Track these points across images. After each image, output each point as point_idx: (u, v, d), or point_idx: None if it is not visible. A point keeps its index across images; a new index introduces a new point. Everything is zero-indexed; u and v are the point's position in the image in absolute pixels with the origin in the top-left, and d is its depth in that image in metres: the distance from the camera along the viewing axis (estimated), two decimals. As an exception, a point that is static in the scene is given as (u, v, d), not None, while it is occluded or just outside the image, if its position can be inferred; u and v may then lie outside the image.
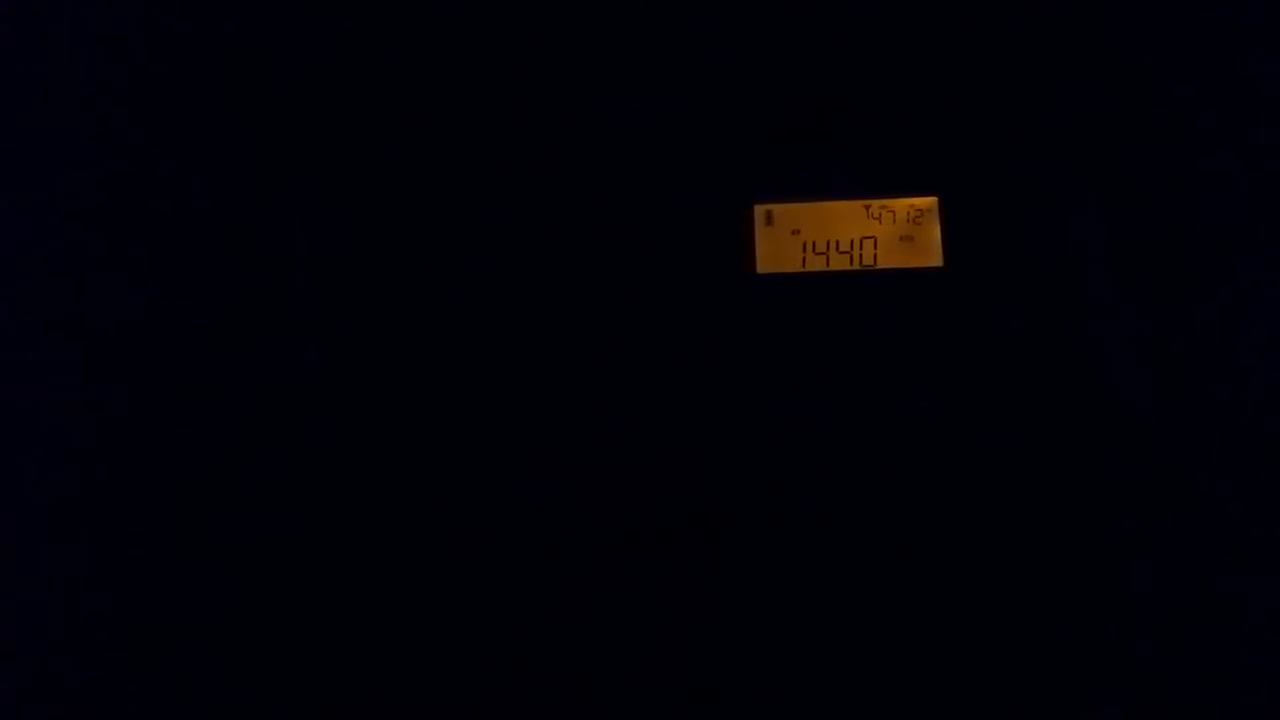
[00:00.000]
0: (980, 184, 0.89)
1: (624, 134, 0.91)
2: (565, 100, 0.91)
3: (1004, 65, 0.90)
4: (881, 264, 0.89)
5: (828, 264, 0.88)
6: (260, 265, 0.91)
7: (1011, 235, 0.89)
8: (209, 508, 0.88)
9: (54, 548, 0.89)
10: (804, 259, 0.88)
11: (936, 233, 0.88)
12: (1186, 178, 0.90)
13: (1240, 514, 0.86)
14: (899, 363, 0.88)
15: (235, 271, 0.91)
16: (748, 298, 0.88)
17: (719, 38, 0.91)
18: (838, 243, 0.89)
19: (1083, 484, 0.87)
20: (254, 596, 0.88)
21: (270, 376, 0.90)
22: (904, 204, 0.89)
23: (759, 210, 0.89)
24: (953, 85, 0.90)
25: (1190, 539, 0.86)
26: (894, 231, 0.88)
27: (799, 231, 0.89)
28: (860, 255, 0.88)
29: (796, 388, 0.88)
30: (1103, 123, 0.90)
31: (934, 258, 0.88)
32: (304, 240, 0.91)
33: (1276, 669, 0.85)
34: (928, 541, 0.86)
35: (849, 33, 0.91)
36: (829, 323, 0.88)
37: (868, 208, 0.89)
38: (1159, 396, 0.87)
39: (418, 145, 0.91)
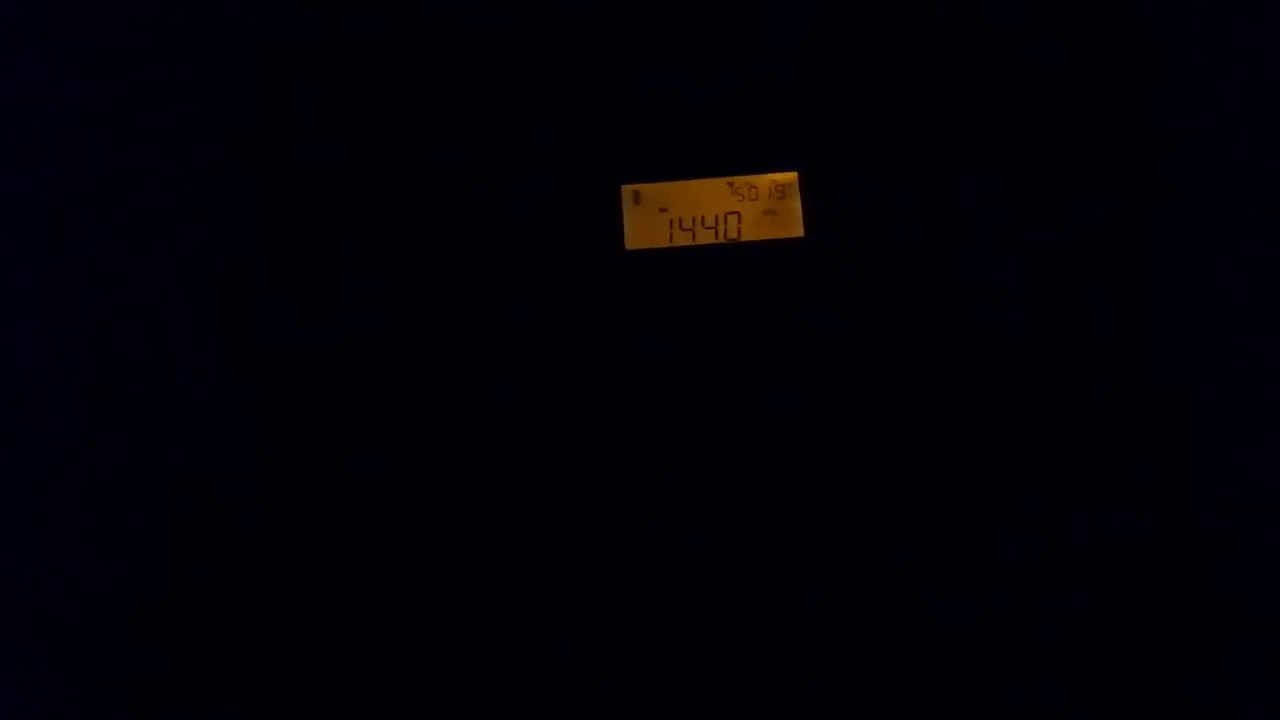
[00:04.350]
0: (839, 160, 0.92)
1: (497, 119, 0.92)
2: (438, 84, 0.93)
3: (860, 44, 0.93)
4: (746, 237, 0.91)
5: (694, 239, 0.91)
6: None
7: (870, 207, 0.91)
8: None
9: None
10: (671, 235, 0.91)
11: (798, 206, 0.91)
12: (1041, 148, 0.93)
13: (1099, 486, 0.89)
14: (765, 331, 0.90)
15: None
16: (618, 274, 0.91)
17: (588, 23, 0.93)
18: (704, 218, 0.91)
19: (941, 447, 0.90)
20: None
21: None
22: (766, 180, 0.92)
23: (626, 190, 0.91)
24: (811, 65, 0.93)
25: (1053, 507, 0.89)
26: (757, 207, 0.91)
27: (666, 209, 0.91)
28: (725, 230, 0.91)
29: (668, 358, 0.90)
30: (958, 98, 0.93)
31: (796, 229, 0.91)
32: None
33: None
34: (797, 507, 0.89)
35: (712, 15, 0.93)
36: (697, 295, 0.91)
37: (732, 185, 0.92)
38: (1015, 355, 0.90)
39: (289, 131, 0.93)
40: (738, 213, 0.91)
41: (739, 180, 0.91)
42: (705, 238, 0.91)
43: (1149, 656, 0.87)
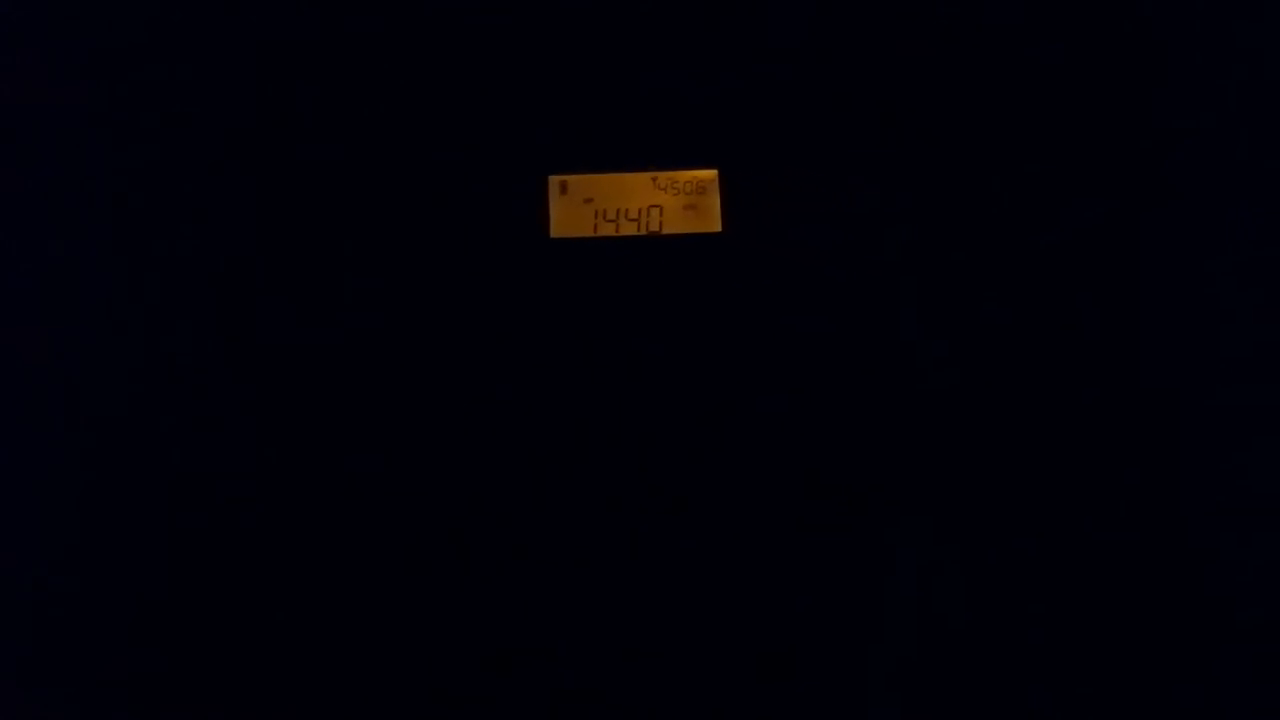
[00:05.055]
0: (756, 158, 0.95)
1: (428, 110, 0.95)
2: (368, 76, 0.95)
3: (780, 46, 0.96)
4: (667, 230, 0.94)
5: (617, 230, 0.94)
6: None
7: (785, 203, 0.94)
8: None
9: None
10: (595, 225, 0.94)
11: (717, 202, 0.94)
12: (952, 151, 0.95)
13: (1014, 487, 0.91)
14: (683, 319, 0.93)
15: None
16: (543, 261, 0.93)
17: (521, 21, 0.96)
18: (627, 210, 0.94)
19: (856, 434, 0.92)
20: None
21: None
22: (688, 175, 0.95)
23: (553, 180, 0.94)
24: (732, 66, 0.96)
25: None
26: (679, 200, 0.94)
27: (591, 200, 0.94)
28: (648, 222, 0.94)
29: (589, 343, 0.92)
30: (874, 99, 0.96)
31: (714, 224, 0.94)
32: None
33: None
34: (711, 497, 0.91)
35: (637, 15, 0.96)
36: (618, 284, 0.93)
37: (655, 179, 0.95)
38: (922, 347, 0.93)
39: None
40: (660, 206, 0.94)
41: (662, 175, 0.95)
42: (628, 229, 0.94)
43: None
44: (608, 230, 0.94)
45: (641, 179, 0.95)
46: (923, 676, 0.88)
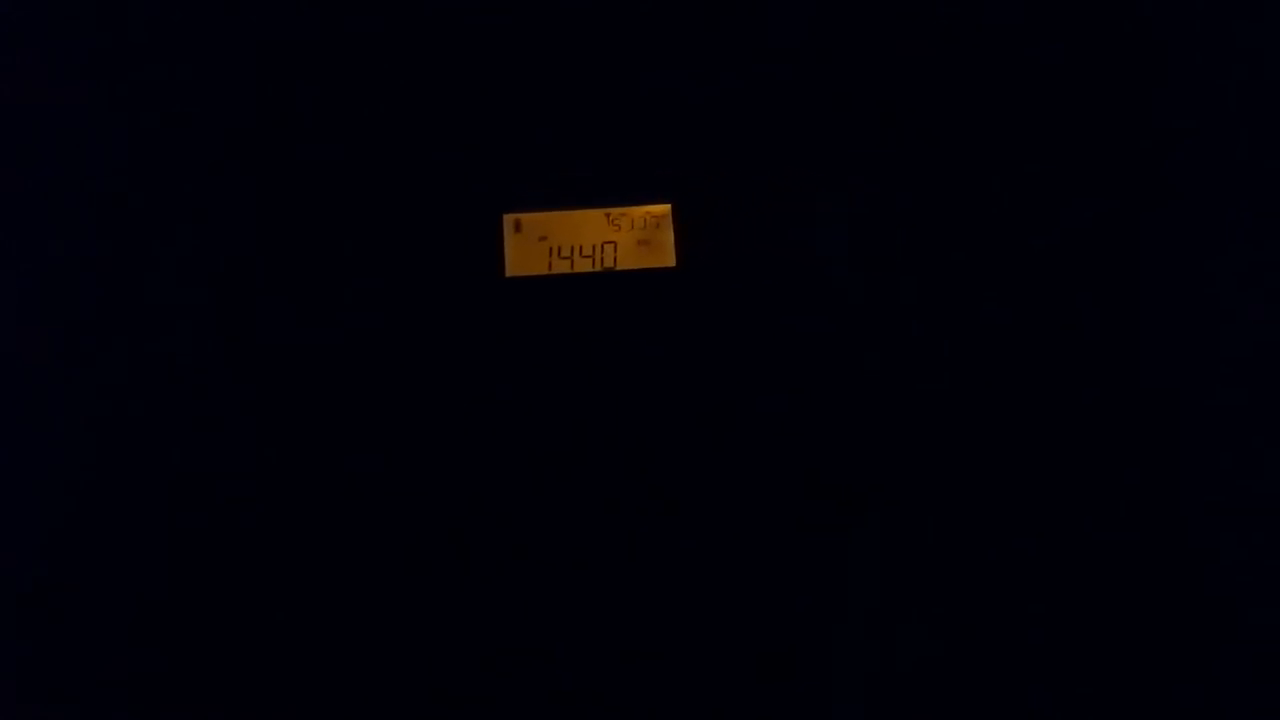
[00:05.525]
0: (709, 193, 0.95)
1: (385, 146, 0.95)
2: (327, 112, 0.96)
3: (730, 81, 0.96)
4: (621, 266, 0.94)
5: (572, 267, 0.94)
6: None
7: (737, 238, 0.94)
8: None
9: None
10: (550, 263, 0.94)
11: (670, 237, 0.94)
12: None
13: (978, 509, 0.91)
14: (637, 355, 0.93)
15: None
16: (498, 300, 0.94)
17: (479, 56, 0.96)
18: (581, 247, 0.94)
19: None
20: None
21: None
22: (641, 211, 0.95)
23: (508, 219, 0.95)
24: (684, 102, 0.96)
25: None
26: (632, 236, 0.94)
27: (545, 238, 0.94)
28: (602, 258, 0.94)
29: (545, 382, 0.92)
30: (825, 132, 0.95)
31: (668, 259, 0.94)
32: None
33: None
34: (668, 530, 0.91)
35: (592, 50, 0.96)
36: (574, 320, 0.93)
37: (608, 215, 0.95)
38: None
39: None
40: (614, 242, 0.94)
41: (615, 211, 0.95)
42: (583, 265, 0.94)
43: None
44: (562, 268, 0.94)
45: (595, 215, 0.95)
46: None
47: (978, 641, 0.89)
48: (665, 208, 0.95)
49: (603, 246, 0.94)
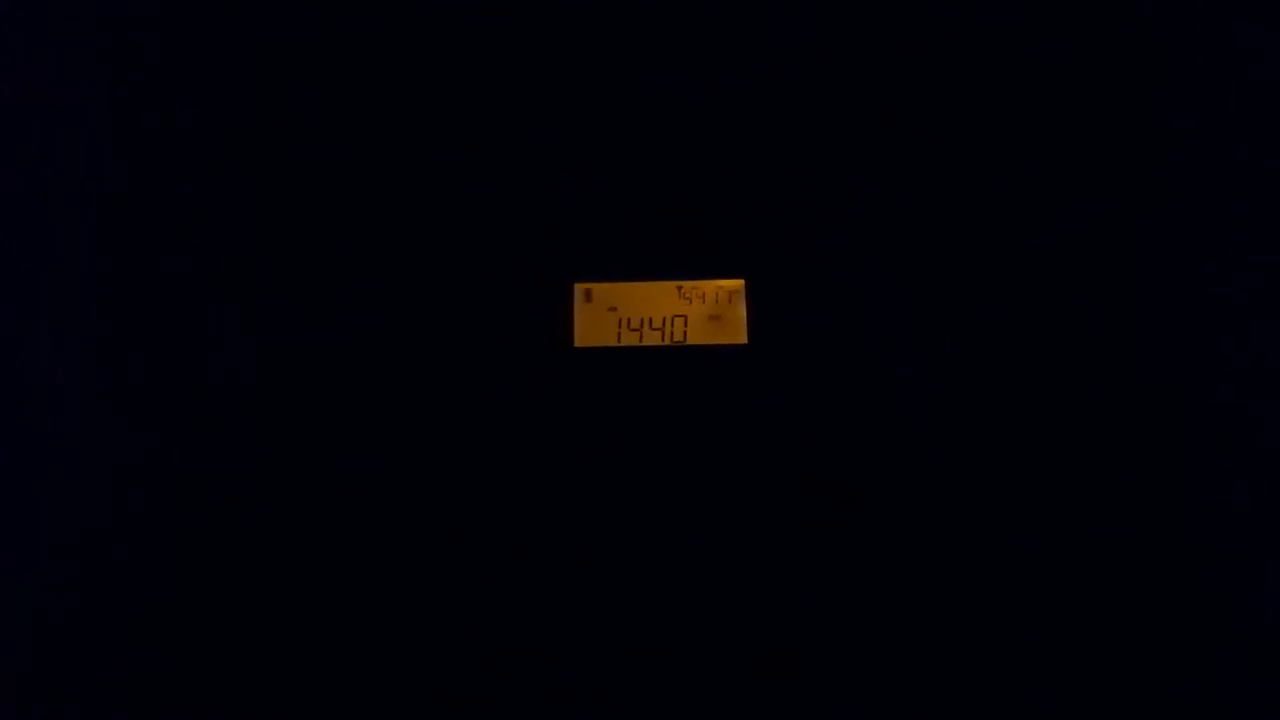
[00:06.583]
0: (783, 268, 0.93)
1: (455, 216, 0.94)
2: (399, 182, 0.94)
3: (803, 158, 0.94)
4: (691, 340, 0.93)
5: (641, 339, 0.93)
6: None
7: (811, 315, 0.93)
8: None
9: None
10: (619, 334, 0.93)
11: (743, 312, 0.93)
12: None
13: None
14: (706, 432, 0.92)
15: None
16: (567, 369, 0.92)
17: (543, 123, 0.94)
18: (651, 320, 0.93)
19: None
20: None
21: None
22: (713, 285, 0.93)
23: (578, 288, 0.93)
24: (758, 178, 0.94)
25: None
26: (704, 310, 0.93)
27: (616, 309, 0.93)
28: (672, 332, 0.93)
29: (611, 453, 0.92)
30: (898, 211, 0.94)
31: (739, 335, 0.93)
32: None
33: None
34: (730, 593, 0.92)
35: (663, 127, 0.94)
36: (642, 393, 0.92)
37: (680, 288, 0.93)
38: (950, 458, 0.93)
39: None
40: (684, 316, 0.93)
41: (687, 284, 0.93)
42: (652, 339, 0.93)
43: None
44: (631, 340, 0.93)
45: (667, 288, 0.93)
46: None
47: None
48: (739, 282, 0.93)
49: (673, 320, 0.93)
